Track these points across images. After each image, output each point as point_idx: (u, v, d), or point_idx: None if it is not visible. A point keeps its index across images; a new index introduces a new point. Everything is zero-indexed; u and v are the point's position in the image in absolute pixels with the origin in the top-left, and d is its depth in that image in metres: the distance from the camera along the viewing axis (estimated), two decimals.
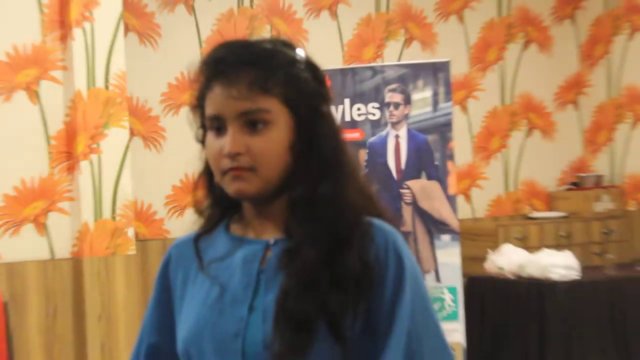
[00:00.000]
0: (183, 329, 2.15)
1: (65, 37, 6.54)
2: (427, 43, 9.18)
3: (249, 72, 2.04)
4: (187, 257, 2.21)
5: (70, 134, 6.54)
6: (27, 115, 6.47)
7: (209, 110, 2.07)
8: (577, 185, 9.70)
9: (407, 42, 9.12)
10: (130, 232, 6.66)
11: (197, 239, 2.18)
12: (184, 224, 7.27)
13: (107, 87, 6.58)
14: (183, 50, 8.08)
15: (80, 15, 6.47)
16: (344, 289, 2.01)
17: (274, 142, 2.05)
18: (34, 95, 6.49)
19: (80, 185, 6.49)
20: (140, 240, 7.32)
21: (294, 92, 2.07)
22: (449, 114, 7.33)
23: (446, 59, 7.58)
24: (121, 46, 6.66)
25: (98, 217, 6.51)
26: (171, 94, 8.06)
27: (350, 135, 6.78)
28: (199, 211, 2.22)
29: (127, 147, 6.66)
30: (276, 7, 8.51)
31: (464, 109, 9.35)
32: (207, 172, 2.15)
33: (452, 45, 9.27)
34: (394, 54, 8.96)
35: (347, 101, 7.07)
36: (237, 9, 8.35)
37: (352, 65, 7.84)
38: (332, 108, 2.18)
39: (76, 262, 6.51)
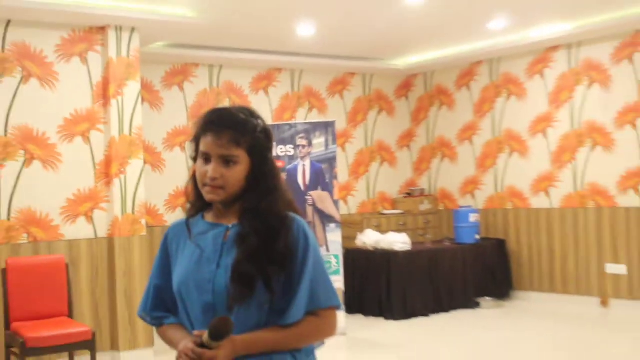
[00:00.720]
0: (177, 276, 2.10)
1: (106, 104, 6.42)
2: (322, 110, 9.16)
3: (229, 131, 2.02)
4: (179, 233, 2.16)
5: (107, 162, 6.41)
6: (82, 151, 6.35)
7: (202, 148, 2.05)
8: (409, 194, 9.73)
9: (310, 109, 9.08)
10: (143, 221, 6.54)
11: (188, 220, 2.15)
12: (175, 216, 7.34)
13: (130, 135, 6.46)
14: (176, 113, 8.09)
15: (115, 92, 6.39)
16: (274, 261, 2.01)
17: (238, 173, 2.03)
18: (87, 139, 6.36)
19: (113, 193, 6.38)
20: (149, 226, 7.24)
21: (254, 147, 2.05)
22: (334, 152, 7.39)
23: (333, 120, 7.65)
24: (139, 110, 6.54)
25: (124, 212, 6.40)
26: (168, 139, 8.01)
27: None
28: (189, 202, 2.17)
29: (142, 171, 6.54)
30: (232, 87, 8.45)
31: (344, 149, 9.30)
32: (194, 180, 2.11)
33: (336, 111, 9.24)
34: (302, 116, 8.94)
35: (274, 144, 7.13)
36: (209, 88, 8.28)
37: (277, 123, 7.74)
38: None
39: (110, 240, 6.39)
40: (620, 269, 7.91)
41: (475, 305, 8.38)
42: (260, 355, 2.00)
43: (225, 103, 8.36)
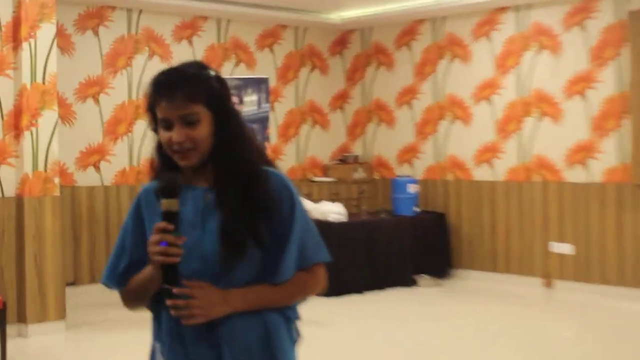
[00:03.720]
0: None
1: (17, 47, 6.45)
2: (250, 64, 9.28)
3: (182, 90, 2.08)
4: (151, 197, 2.20)
5: (17, 113, 6.44)
6: None
7: (160, 115, 2.12)
8: (342, 161, 9.92)
9: (237, 63, 9.19)
10: (57, 180, 6.56)
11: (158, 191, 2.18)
12: (86, 176, 7.33)
13: (44, 83, 6.49)
14: (90, 60, 8.09)
15: (27, 34, 6.42)
16: (258, 213, 2.12)
17: (203, 131, 2.10)
18: None
19: (23, 148, 6.42)
20: (61, 186, 7.14)
21: (211, 99, 2.12)
22: (267, 111, 7.60)
23: (266, 76, 7.81)
24: (54, 56, 6.56)
25: (35, 169, 6.45)
26: (81, 90, 8.05)
27: None
28: (156, 174, 2.23)
29: (56, 124, 6.58)
30: (152, 35, 8.50)
31: (273, 108, 9.25)
32: (159, 151, 2.19)
33: (265, 67, 9.35)
34: (228, 70, 8.94)
35: (231, 92, 7.14)
36: (126, 34, 8.35)
37: None
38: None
39: (19, 199, 6.44)
40: (566, 249, 8.26)
41: (412, 282, 8.60)
42: (254, 314, 2.14)
43: (145, 52, 8.47)
